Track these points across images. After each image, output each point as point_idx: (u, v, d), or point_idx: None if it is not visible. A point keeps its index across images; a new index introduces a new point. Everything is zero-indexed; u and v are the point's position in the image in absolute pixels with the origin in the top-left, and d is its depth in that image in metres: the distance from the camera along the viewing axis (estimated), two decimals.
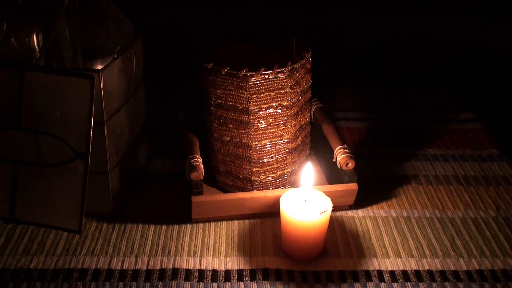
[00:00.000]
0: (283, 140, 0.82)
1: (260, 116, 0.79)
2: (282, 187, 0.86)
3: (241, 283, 0.72)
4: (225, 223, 0.82)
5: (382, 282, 0.73)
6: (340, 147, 0.84)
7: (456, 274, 0.74)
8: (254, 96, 0.78)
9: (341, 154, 0.82)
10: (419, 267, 0.75)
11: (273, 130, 0.81)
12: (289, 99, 0.79)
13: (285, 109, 0.80)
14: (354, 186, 0.82)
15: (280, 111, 0.80)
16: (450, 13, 1.16)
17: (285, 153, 0.83)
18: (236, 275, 0.74)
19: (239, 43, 0.88)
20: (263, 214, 0.83)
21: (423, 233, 0.81)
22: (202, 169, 0.80)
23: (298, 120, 0.83)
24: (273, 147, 0.82)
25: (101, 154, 0.76)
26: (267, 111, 0.79)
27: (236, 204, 0.80)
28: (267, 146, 0.82)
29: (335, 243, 0.79)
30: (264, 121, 0.80)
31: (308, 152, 0.91)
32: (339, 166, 0.83)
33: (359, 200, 0.84)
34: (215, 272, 0.74)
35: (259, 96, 0.78)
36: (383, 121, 1.10)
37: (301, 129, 0.85)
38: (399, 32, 1.19)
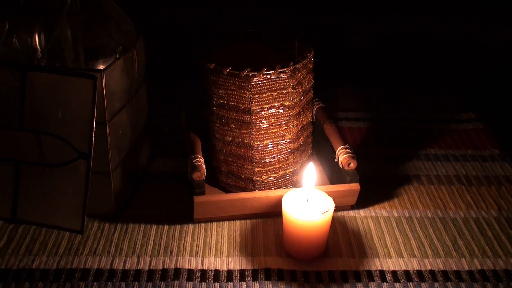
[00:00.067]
0: (285, 140, 0.82)
1: (262, 116, 0.79)
2: (284, 187, 0.86)
3: (243, 283, 0.72)
4: (227, 223, 0.82)
5: (384, 282, 0.73)
6: (342, 147, 0.84)
7: (458, 274, 0.74)
8: (256, 96, 0.78)
9: (343, 154, 0.82)
10: (421, 267, 0.75)
11: (275, 130, 0.81)
12: (291, 99, 0.79)
13: (287, 109, 0.80)
14: (356, 186, 0.82)
15: (282, 111, 0.80)
16: (451, 13, 1.16)
17: (287, 153, 0.83)
18: (238, 275, 0.74)
19: (241, 43, 0.88)
20: (265, 214, 0.83)
21: (425, 233, 0.81)
22: (204, 169, 0.80)
23: (300, 120, 0.83)
24: (275, 147, 0.82)
25: (103, 154, 0.76)
26: (269, 111, 0.79)
27: (238, 204, 0.80)
28: (269, 146, 0.82)
29: (337, 243, 0.79)
30: (266, 121, 0.80)
31: (310, 152, 0.91)
32: (341, 166, 0.83)
33: (360, 200, 0.84)
34: (217, 272, 0.74)
35: (261, 96, 0.78)
36: (384, 121, 1.10)
37: (303, 129, 0.85)
38: (399, 32, 1.19)
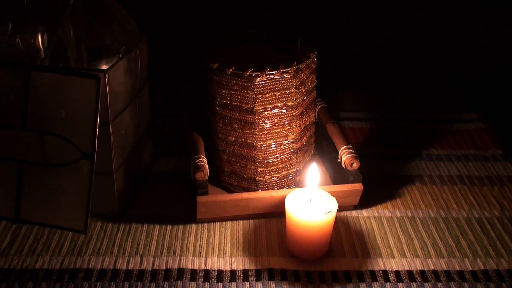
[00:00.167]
0: (288, 140, 0.82)
1: (265, 116, 0.79)
2: (287, 187, 0.86)
3: (246, 283, 0.72)
4: (230, 223, 0.82)
5: (388, 282, 0.73)
6: (345, 147, 0.84)
7: (461, 274, 0.74)
8: (260, 96, 0.78)
9: (346, 154, 0.82)
10: (424, 267, 0.75)
11: (278, 130, 0.81)
12: (294, 99, 0.79)
13: (290, 109, 0.80)
14: (359, 186, 0.82)
15: (285, 111, 0.80)
16: (452, 13, 1.17)
17: (290, 153, 0.83)
18: (242, 275, 0.74)
19: (244, 43, 0.88)
20: (268, 214, 0.83)
21: (428, 233, 0.81)
22: (207, 169, 0.80)
23: (303, 120, 0.83)
24: (278, 147, 0.82)
25: (106, 154, 0.76)
26: (272, 111, 0.79)
27: (241, 204, 0.80)
28: (272, 146, 0.82)
29: (340, 243, 0.79)
30: (269, 121, 0.80)
31: (313, 152, 0.91)
32: (344, 166, 0.83)
33: (363, 200, 0.84)
34: (220, 272, 0.74)
35: (264, 96, 0.78)
36: (386, 121, 1.10)
37: (306, 129, 0.85)
38: (401, 32, 1.19)
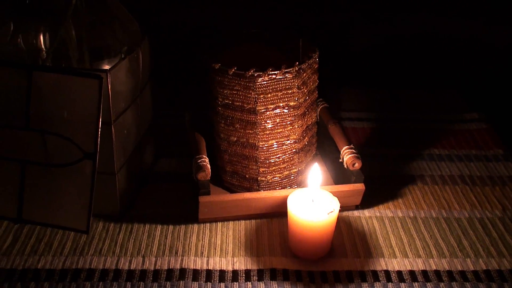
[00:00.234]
0: (290, 140, 0.82)
1: (267, 116, 0.79)
2: (289, 187, 0.86)
3: (248, 283, 0.72)
4: (231, 223, 0.82)
5: (390, 282, 0.73)
6: (347, 147, 0.84)
7: (463, 274, 0.74)
8: (261, 96, 0.78)
9: (347, 154, 0.82)
10: (426, 267, 0.75)
11: (280, 130, 0.81)
12: (296, 99, 0.79)
13: (292, 109, 0.80)
14: (361, 186, 0.82)
15: (287, 111, 0.80)
16: (455, 13, 1.16)
17: (291, 153, 0.83)
18: (244, 275, 0.74)
19: (245, 43, 0.88)
20: (269, 214, 0.83)
21: (429, 233, 0.81)
22: (209, 169, 0.80)
23: (305, 120, 0.83)
24: (280, 147, 0.82)
25: (108, 154, 0.76)
26: (274, 111, 0.79)
27: (243, 204, 0.80)
28: (274, 146, 0.82)
29: (342, 243, 0.79)
30: (271, 121, 0.80)
31: (314, 152, 0.91)
32: (345, 166, 0.83)
33: (365, 200, 0.84)
34: (222, 272, 0.74)
35: (266, 96, 0.78)
36: (387, 121, 1.10)
37: (307, 129, 0.85)
38: (403, 32, 1.19)
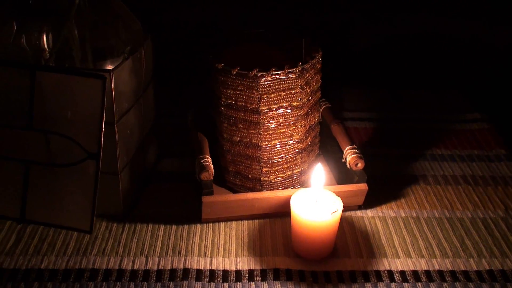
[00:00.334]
0: (293, 140, 0.82)
1: (270, 116, 0.79)
2: (292, 187, 0.86)
3: (252, 283, 0.72)
4: (234, 223, 0.82)
5: (393, 282, 0.73)
6: (350, 147, 0.84)
7: (466, 274, 0.74)
8: (265, 96, 0.78)
9: (350, 154, 0.82)
10: (429, 267, 0.75)
11: (283, 130, 0.81)
12: (299, 99, 0.79)
13: (295, 109, 0.80)
14: (364, 186, 0.82)
15: (290, 111, 0.80)
16: (456, 13, 1.16)
17: (294, 153, 0.83)
18: (247, 275, 0.74)
19: (248, 43, 0.88)
20: (272, 214, 0.83)
21: (432, 233, 0.81)
22: (212, 169, 0.80)
23: (308, 120, 0.83)
24: (283, 147, 0.82)
25: (111, 154, 0.76)
26: (277, 111, 0.79)
27: (246, 204, 0.80)
28: (277, 146, 0.82)
29: (345, 243, 0.79)
30: (274, 121, 0.80)
31: (317, 152, 0.91)
32: (348, 166, 0.83)
33: (367, 200, 0.84)
34: (225, 272, 0.74)
35: (269, 96, 0.78)
36: (389, 121, 1.10)
37: (310, 129, 0.85)
38: (404, 32, 1.19)
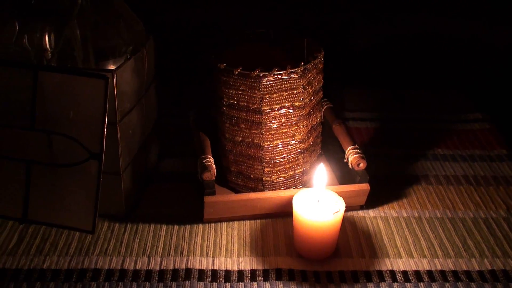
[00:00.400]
0: (295, 140, 0.82)
1: (273, 116, 0.79)
2: (294, 187, 0.86)
3: (254, 283, 0.72)
4: (236, 223, 0.82)
5: (395, 282, 0.73)
6: (352, 147, 0.84)
7: (468, 274, 0.74)
8: (267, 96, 0.78)
9: (352, 155, 0.82)
10: (431, 267, 0.75)
11: (285, 130, 0.81)
12: (302, 99, 0.79)
13: (297, 109, 0.80)
14: (366, 186, 0.82)
15: (292, 111, 0.80)
16: (456, 13, 1.17)
17: (296, 153, 0.83)
18: (249, 275, 0.74)
19: (250, 43, 0.88)
20: (274, 214, 0.83)
21: (434, 233, 0.81)
22: (215, 169, 0.80)
23: (310, 120, 0.83)
24: (285, 147, 0.82)
25: (113, 154, 0.76)
26: (280, 111, 0.79)
27: (248, 204, 0.80)
28: (279, 146, 0.82)
29: (347, 244, 0.79)
30: (276, 121, 0.80)
31: (319, 152, 0.91)
32: (350, 167, 0.83)
33: (369, 200, 0.84)
34: (228, 272, 0.74)
35: (271, 96, 0.78)
36: (391, 121, 1.10)
37: (312, 129, 0.85)
38: (405, 32, 1.19)
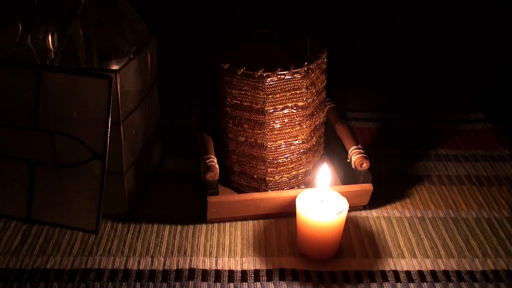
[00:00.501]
0: (298, 140, 0.82)
1: (276, 116, 0.79)
2: (297, 187, 0.86)
3: (258, 283, 0.72)
4: (239, 223, 0.82)
5: (399, 283, 0.73)
6: (355, 147, 0.84)
7: (471, 274, 0.74)
8: (270, 96, 0.78)
9: (355, 155, 0.82)
10: (434, 267, 0.75)
11: (288, 131, 0.81)
12: (305, 99, 0.79)
13: (300, 109, 0.80)
14: (369, 186, 0.82)
15: (296, 111, 0.80)
16: (456, 13, 1.17)
17: (300, 153, 0.83)
18: (253, 275, 0.74)
19: (252, 43, 0.88)
20: (277, 214, 0.83)
21: (437, 233, 0.81)
22: (218, 169, 0.80)
23: (313, 120, 0.83)
24: (288, 147, 0.82)
25: (117, 154, 0.76)
26: (283, 112, 0.79)
27: (251, 204, 0.80)
28: (282, 146, 0.82)
29: (350, 244, 0.79)
30: (280, 121, 0.80)
31: (322, 152, 0.91)
32: (353, 167, 0.83)
33: (372, 201, 0.84)
34: (231, 272, 0.74)
35: (275, 96, 0.78)
36: (393, 121, 1.10)
37: (315, 129, 0.85)
38: (405, 32, 1.19)
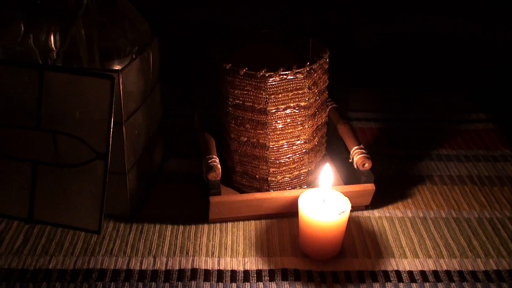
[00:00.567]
0: (300, 140, 0.82)
1: (278, 116, 0.79)
2: (299, 187, 0.86)
3: (260, 283, 0.72)
4: (242, 223, 0.82)
5: (401, 283, 0.73)
6: (357, 147, 0.84)
7: (474, 274, 0.74)
8: (272, 96, 0.78)
9: (357, 155, 0.83)
10: (437, 267, 0.75)
11: (290, 131, 0.81)
12: (307, 99, 0.79)
13: (302, 109, 0.80)
14: (371, 186, 0.82)
15: (298, 111, 0.80)
16: (456, 13, 1.16)
17: (302, 154, 0.83)
18: (255, 275, 0.74)
19: (255, 43, 0.88)
20: (279, 215, 0.83)
21: (439, 233, 0.81)
22: (220, 169, 0.80)
23: (315, 120, 0.83)
24: (290, 147, 0.82)
25: (119, 154, 0.76)
26: (285, 112, 0.79)
27: (254, 204, 0.80)
28: (284, 146, 0.82)
29: (353, 244, 0.79)
30: (282, 121, 0.80)
31: (324, 152, 0.91)
32: (355, 167, 0.83)
33: (374, 201, 0.84)
34: (234, 272, 0.74)
35: (277, 96, 0.78)
36: (395, 121, 1.10)
37: (318, 130, 0.85)
38: (405, 32, 1.19)
